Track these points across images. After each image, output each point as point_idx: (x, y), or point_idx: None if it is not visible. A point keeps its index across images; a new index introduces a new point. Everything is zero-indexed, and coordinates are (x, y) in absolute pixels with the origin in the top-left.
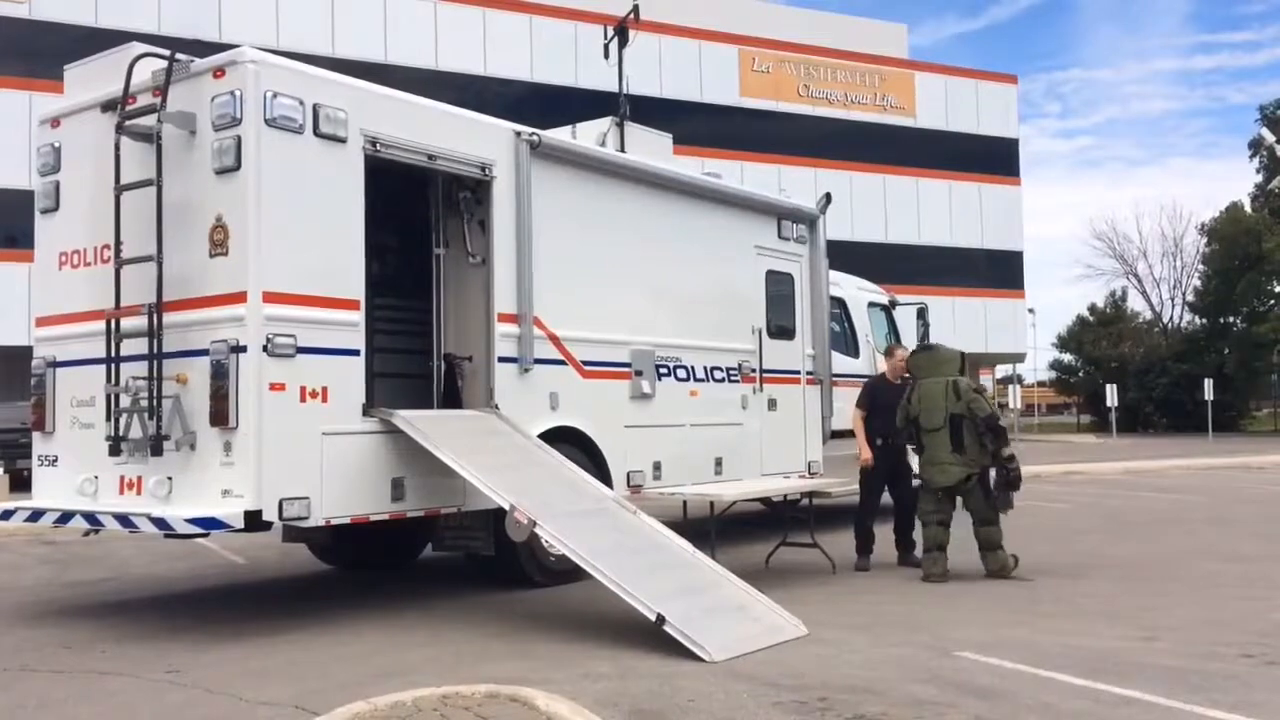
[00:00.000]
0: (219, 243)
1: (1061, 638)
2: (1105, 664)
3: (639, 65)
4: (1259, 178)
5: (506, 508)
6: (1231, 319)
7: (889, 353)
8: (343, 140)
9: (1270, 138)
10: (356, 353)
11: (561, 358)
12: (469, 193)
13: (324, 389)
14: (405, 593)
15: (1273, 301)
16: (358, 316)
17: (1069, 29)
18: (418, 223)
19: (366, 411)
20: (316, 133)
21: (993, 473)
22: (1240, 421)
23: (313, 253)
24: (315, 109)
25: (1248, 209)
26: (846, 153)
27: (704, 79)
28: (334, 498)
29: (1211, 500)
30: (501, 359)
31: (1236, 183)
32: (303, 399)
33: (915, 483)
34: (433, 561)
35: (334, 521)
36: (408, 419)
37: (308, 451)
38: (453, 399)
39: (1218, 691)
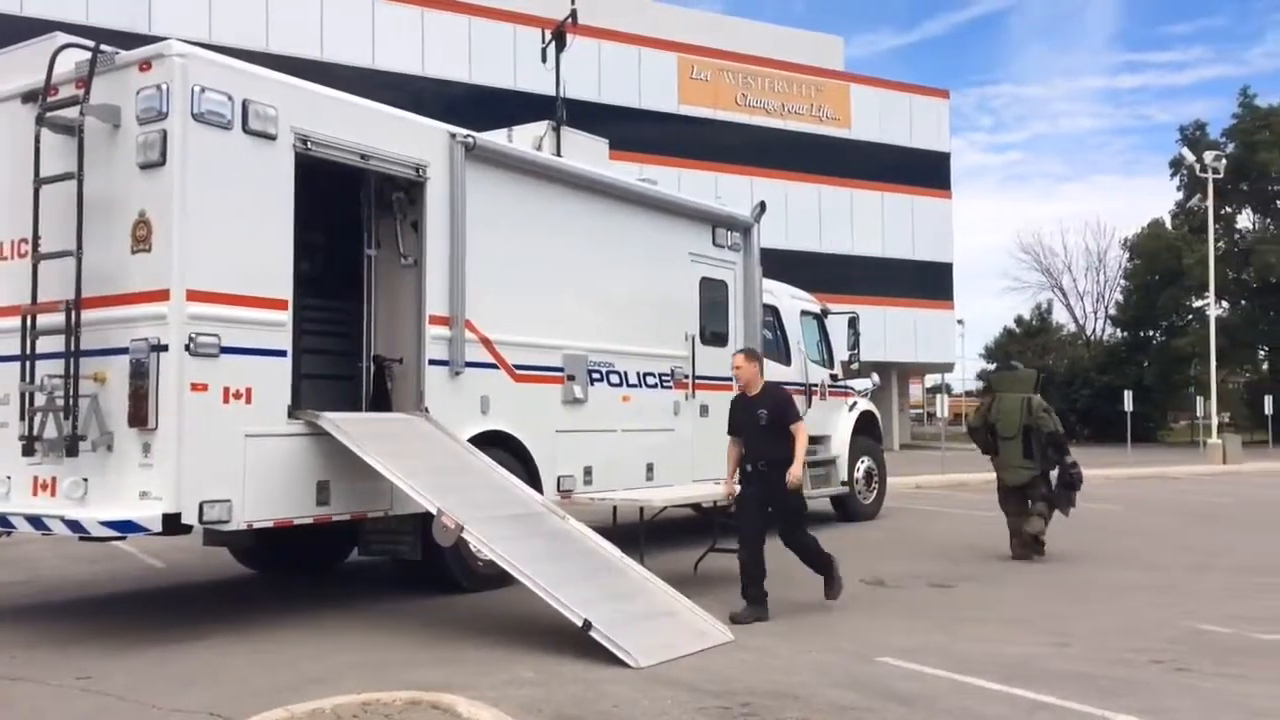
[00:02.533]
0: (141, 239)
1: (981, 644)
2: (1022, 669)
3: (578, 70)
4: (1179, 196)
5: (434, 512)
6: (1152, 333)
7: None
8: (273, 138)
9: (1190, 157)
10: (283, 353)
11: (493, 361)
12: (402, 193)
13: (248, 390)
14: (329, 598)
15: (1191, 316)
16: (285, 317)
17: (1000, 46)
18: (349, 223)
19: (292, 413)
20: (245, 129)
21: (1054, 474)
22: (1159, 433)
23: (239, 251)
24: (245, 105)
25: (1169, 226)
26: (783, 162)
27: (643, 85)
28: (257, 501)
29: (1128, 509)
30: (432, 361)
31: (1158, 200)
32: (226, 400)
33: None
34: (358, 566)
35: (256, 525)
36: (334, 421)
37: (230, 453)
38: (382, 402)
39: (1128, 697)
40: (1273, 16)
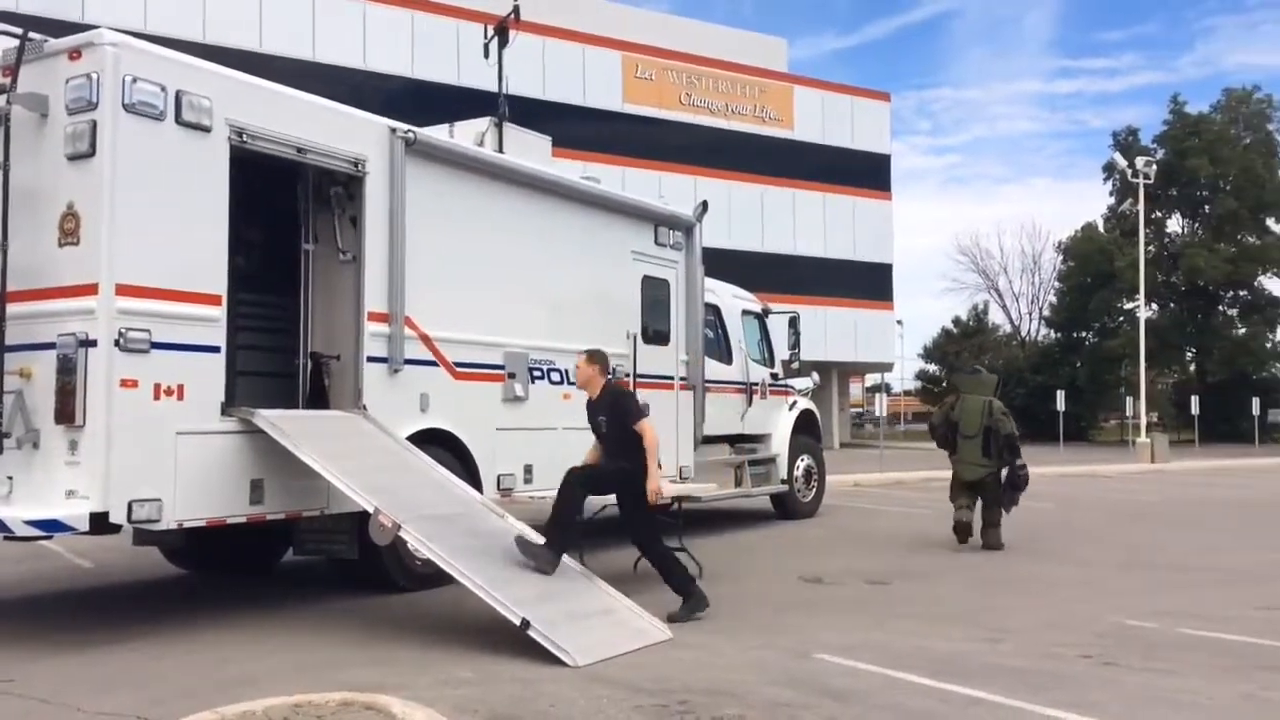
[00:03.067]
0: (69, 231)
1: (915, 640)
2: (954, 665)
3: (522, 66)
4: (1112, 200)
5: (370, 511)
6: (1084, 334)
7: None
8: (207, 129)
9: (1122, 162)
10: (217, 349)
11: (433, 359)
12: (341, 188)
13: (180, 386)
14: (263, 598)
15: (1122, 318)
16: (218, 312)
17: (940, 49)
18: (286, 217)
19: (226, 410)
20: (179, 121)
21: (1004, 474)
22: (1090, 432)
23: (171, 245)
24: (178, 96)
25: (1101, 229)
26: (726, 162)
27: (587, 83)
28: (188, 499)
29: (1060, 507)
30: (371, 359)
31: (1092, 204)
32: (156, 396)
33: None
34: (294, 566)
35: (187, 524)
36: (269, 418)
37: (160, 451)
38: (319, 399)
39: (1057, 691)
40: (1203, 24)
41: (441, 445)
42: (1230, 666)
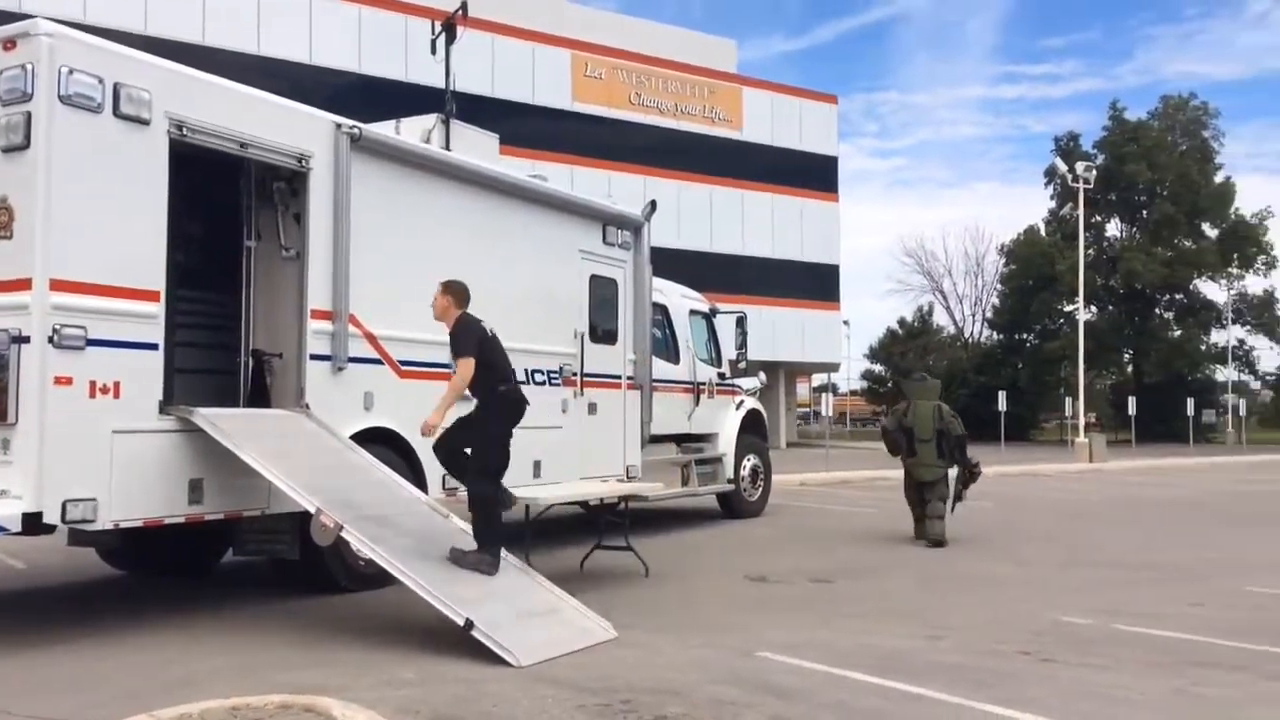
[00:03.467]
0: (2, 225)
1: (859, 637)
2: (897, 662)
3: (471, 64)
4: (1053, 204)
5: (312, 511)
6: (1026, 335)
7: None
8: (146, 122)
9: (1063, 167)
10: (155, 347)
11: (378, 357)
12: (284, 184)
13: (116, 384)
14: (202, 599)
15: (1062, 320)
16: (157, 308)
17: (888, 53)
18: (228, 213)
19: (164, 409)
20: (117, 113)
21: (952, 472)
22: (1031, 432)
23: (108, 240)
24: (116, 88)
25: (1043, 233)
26: (675, 162)
27: (536, 81)
28: (124, 499)
29: (1000, 506)
30: (314, 357)
31: (1034, 207)
32: (92, 394)
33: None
34: (234, 566)
35: (124, 525)
36: (208, 417)
37: (96, 450)
38: (261, 398)
39: (997, 688)
40: (1143, 33)
41: (386, 444)
42: (1163, 662)
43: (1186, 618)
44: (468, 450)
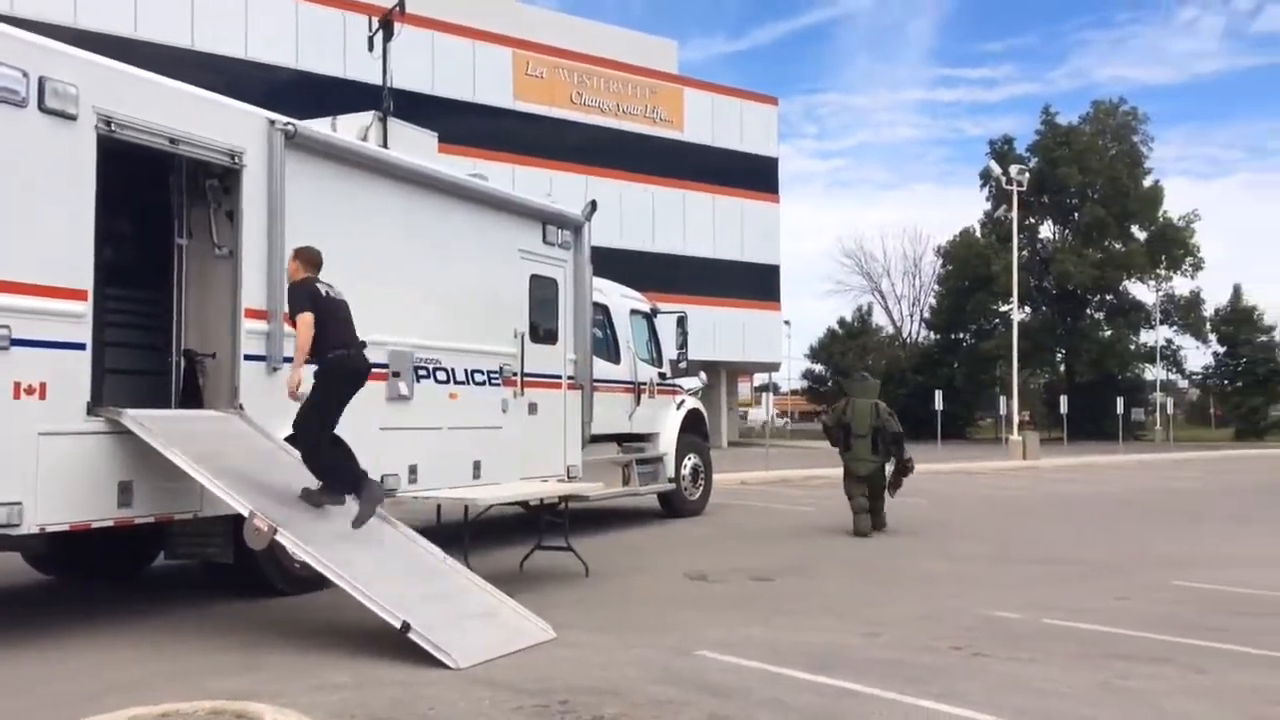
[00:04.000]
0: None
1: (796, 634)
2: (833, 659)
3: (410, 61)
4: (988, 206)
5: (245, 514)
6: (962, 335)
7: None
8: (72, 117)
9: (997, 170)
10: (82, 346)
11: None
12: (216, 181)
13: (42, 385)
14: (132, 604)
15: (998, 320)
16: (84, 308)
17: (828, 55)
18: (159, 210)
19: (92, 410)
20: (42, 107)
21: (889, 467)
22: (967, 430)
23: (33, 237)
24: (41, 82)
25: (978, 234)
26: (617, 162)
27: (477, 79)
28: (51, 503)
29: (935, 504)
30: (247, 357)
31: (970, 209)
32: (16, 395)
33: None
34: (166, 570)
35: (50, 529)
36: (138, 418)
37: (20, 453)
38: (193, 399)
39: (928, 683)
40: (1076, 38)
41: None
42: (1090, 655)
43: (1113, 612)
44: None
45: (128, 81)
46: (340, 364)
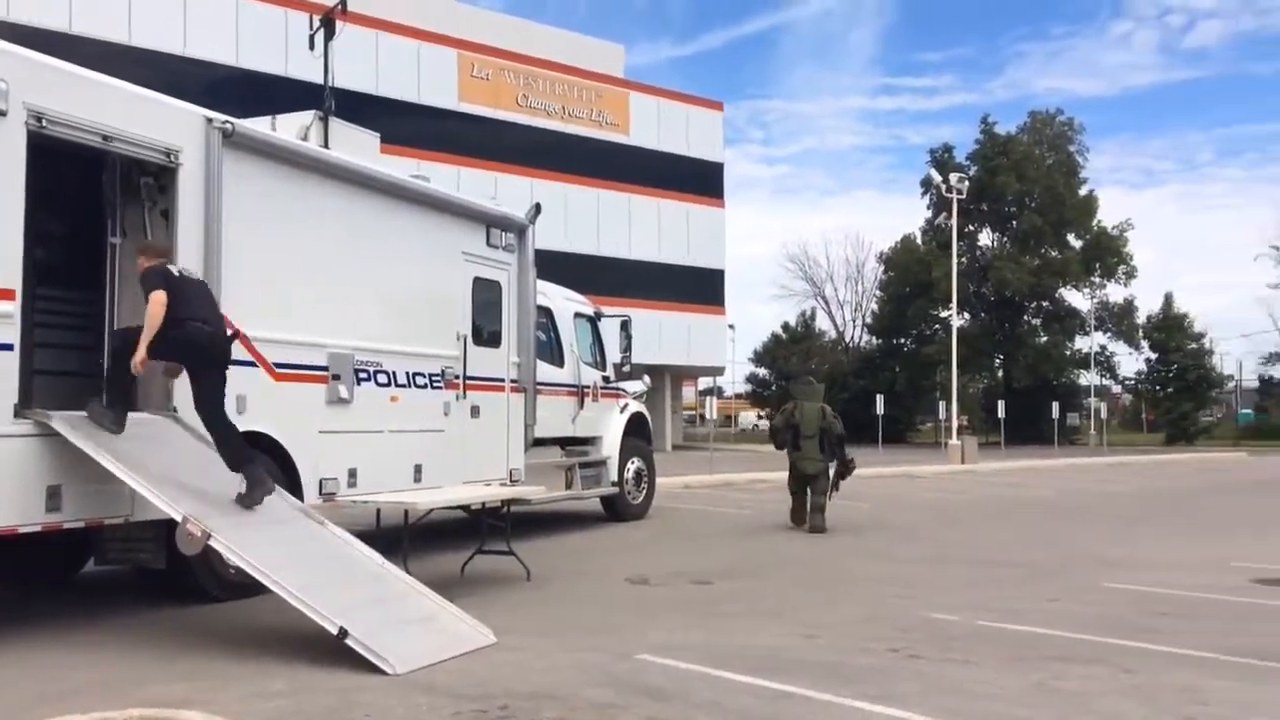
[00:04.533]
0: None
1: (735, 637)
2: (771, 661)
3: (354, 61)
4: (929, 214)
5: (178, 519)
6: (903, 340)
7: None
8: (2, 114)
9: (937, 178)
10: (9, 347)
11: (251, 359)
12: (151, 179)
13: None
14: (61, 611)
15: (938, 326)
16: (12, 307)
17: (773, 62)
18: (92, 208)
19: (19, 412)
20: None
21: (831, 466)
22: (908, 434)
23: None
24: None
25: (919, 241)
26: (562, 165)
27: (421, 80)
28: None
29: (876, 507)
30: None
31: (911, 217)
32: None
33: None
34: (97, 576)
35: None
36: (67, 421)
37: None
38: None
39: (865, 684)
40: (1014, 49)
41: (260, 448)
42: (1024, 657)
43: (1046, 613)
44: None
45: (60, 77)
46: (194, 334)
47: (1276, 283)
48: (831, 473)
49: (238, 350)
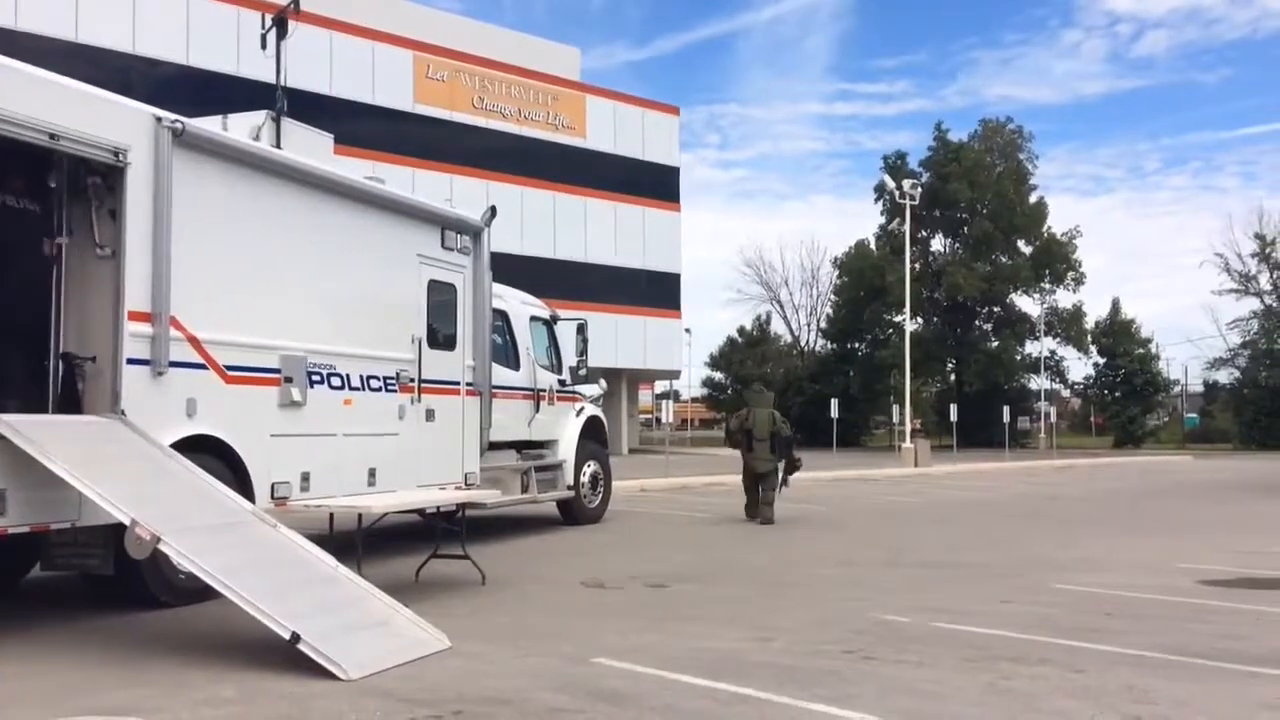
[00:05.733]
0: None
1: (691, 641)
2: (726, 664)
3: (308, 61)
4: (883, 219)
5: (126, 523)
6: (857, 345)
7: None
8: None
9: (891, 184)
10: None
11: (202, 361)
12: (99, 179)
13: None
14: (7, 617)
15: (892, 330)
16: None
17: (728, 67)
18: (38, 208)
19: None
20: None
21: (780, 465)
22: (862, 437)
23: None
24: None
25: (873, 246)
26: (518, 168)
27: (376, 81)
28: None
29: (830, 510)
30: (131, 360)
31: (866, 222)
32: None
33: None
34: (43, 581)
35: None
36: (11, 423)
37: None
38: (72, 403)
39: (820, 686)
40: (966, 57)
41: (211, 453)
42: (976, 658)
43: (998, 614)
44: None
45: (5, 74)
46: None
47: (1221, 289)
48: (781, 471)
49: (188, 352)
